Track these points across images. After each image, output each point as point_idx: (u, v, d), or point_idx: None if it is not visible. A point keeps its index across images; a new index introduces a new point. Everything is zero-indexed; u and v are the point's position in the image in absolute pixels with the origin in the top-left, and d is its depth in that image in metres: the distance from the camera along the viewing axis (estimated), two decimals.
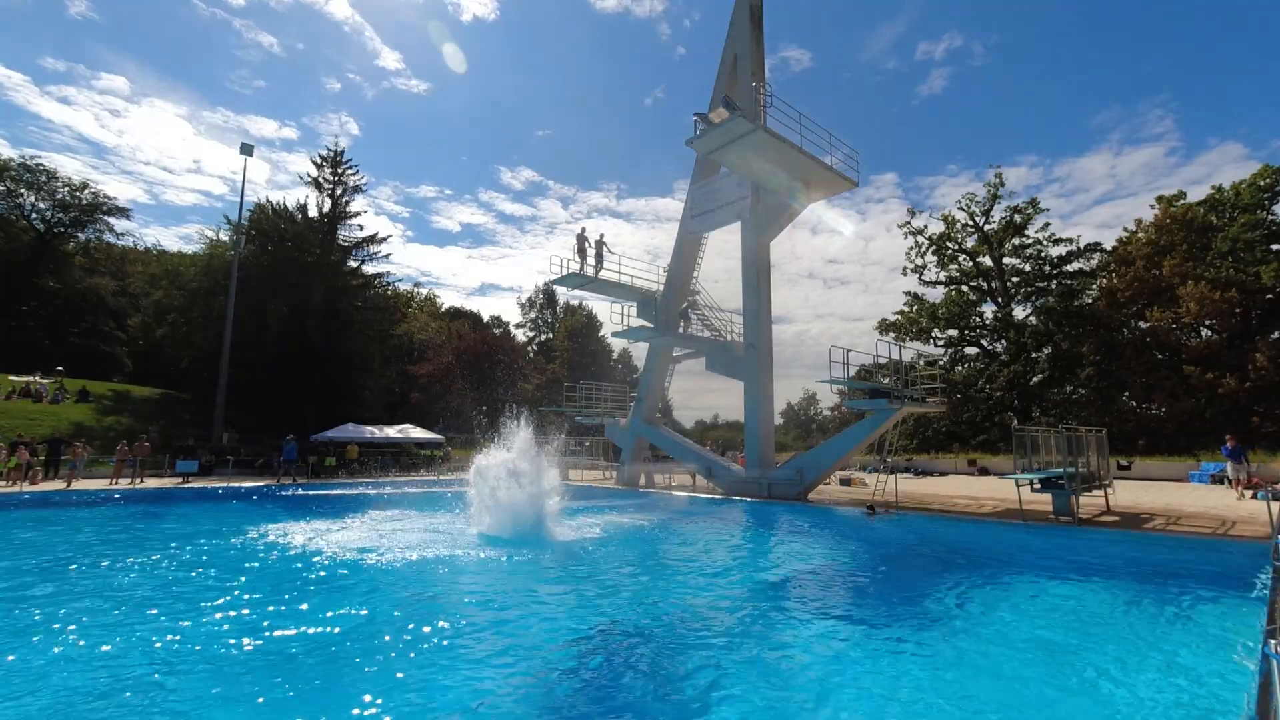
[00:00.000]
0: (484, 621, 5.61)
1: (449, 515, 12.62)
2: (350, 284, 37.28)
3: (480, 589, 6.95)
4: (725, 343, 20.37)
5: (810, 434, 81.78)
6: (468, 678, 4.32)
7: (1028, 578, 7.87)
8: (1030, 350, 37.15)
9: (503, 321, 69.25)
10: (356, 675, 4.33)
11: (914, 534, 11.50)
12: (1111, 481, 13.84)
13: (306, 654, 4.69)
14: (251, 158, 31.87)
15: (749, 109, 15.23)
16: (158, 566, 7.88)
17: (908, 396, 14.57)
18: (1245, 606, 6.16)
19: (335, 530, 11.03)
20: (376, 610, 5.90)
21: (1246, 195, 32.48)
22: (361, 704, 3.82)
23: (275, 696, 3.95)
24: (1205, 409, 29.80)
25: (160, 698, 3.89)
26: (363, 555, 8.54)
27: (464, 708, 3.82)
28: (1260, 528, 10.15)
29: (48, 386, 29.90)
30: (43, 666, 4.42)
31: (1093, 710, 3.97)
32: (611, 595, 6.71)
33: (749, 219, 18.19)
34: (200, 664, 4.47)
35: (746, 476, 17.28)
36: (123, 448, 20.50)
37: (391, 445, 28.98)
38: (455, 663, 4.60)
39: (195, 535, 10.42)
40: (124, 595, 6.42)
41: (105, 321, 46.57)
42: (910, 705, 3.98)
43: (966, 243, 41.34)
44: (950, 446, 36.78)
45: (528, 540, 9.66)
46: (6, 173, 40.48)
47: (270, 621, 5.48)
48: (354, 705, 3.81)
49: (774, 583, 7.70)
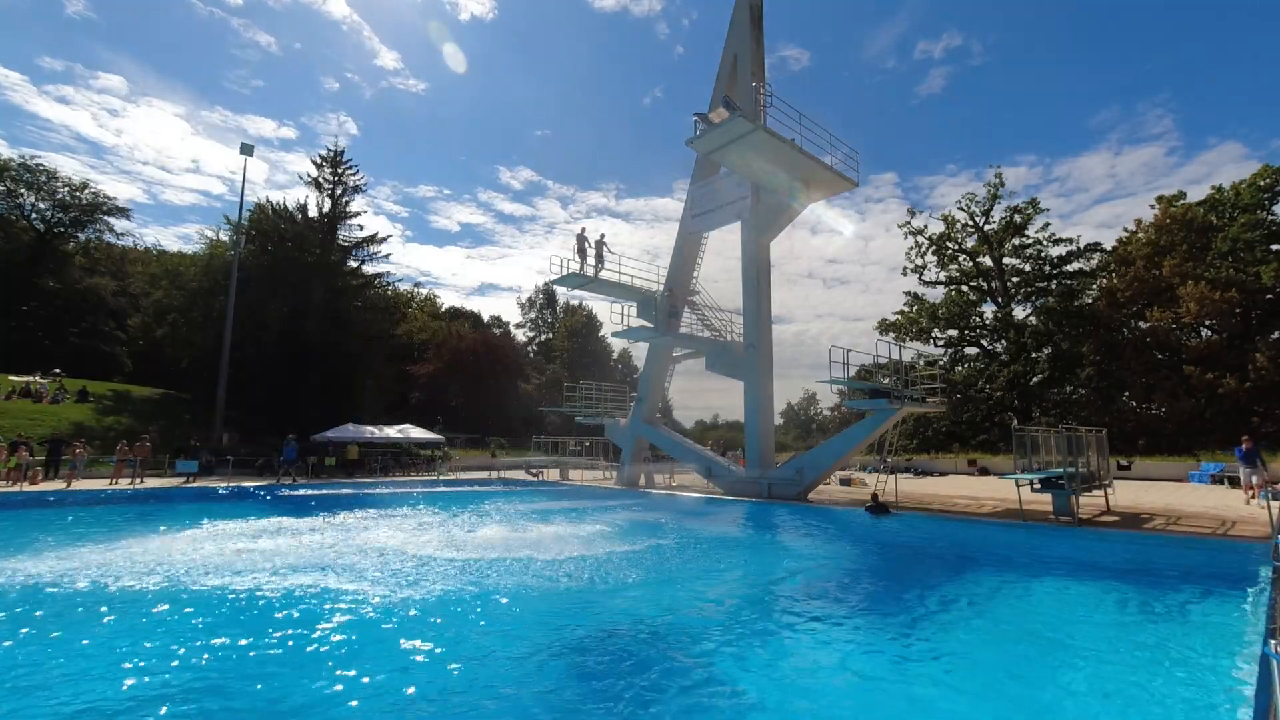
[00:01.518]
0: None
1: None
2: (350, 284, 37.26)
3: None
4: (725, 343, 20.35)
5: (810, 434, 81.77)
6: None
7: (1027, 578, 7.87)
8: (1030, 350, 37.15)
9: (503, 321, 69.25)
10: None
11: (914, 534, 11.50)
12: (1111, 481, 13.82)
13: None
14: (251, 157, 31.78)
15: (749, 109, 15.22)
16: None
17: (908, 396, 14.56)
18: (1245, 607, 6.16)
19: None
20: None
21: (1246, 195, 32.48)
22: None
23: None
24: (1205, 409, 29.80)
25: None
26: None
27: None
28: (1260, 528, 10.14)
29: (48, 386, 29.90)
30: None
31: (1092, 710, 3.96)
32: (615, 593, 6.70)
33: (749, 219, 18.18)
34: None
35: (746, 477, 17.27)
36: (123, 447, 20.44)
37: (391, 445, 28.98)
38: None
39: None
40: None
41: (105, 321, 46.55)
42: (909, 705, 3.97)
43: (966, 243, 41.33)
44: (950, 446, 36.77)
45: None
46: (6, 173, 40.46)
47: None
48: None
49: (773, 583, 7.69)
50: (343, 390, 34.02)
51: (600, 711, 3.83)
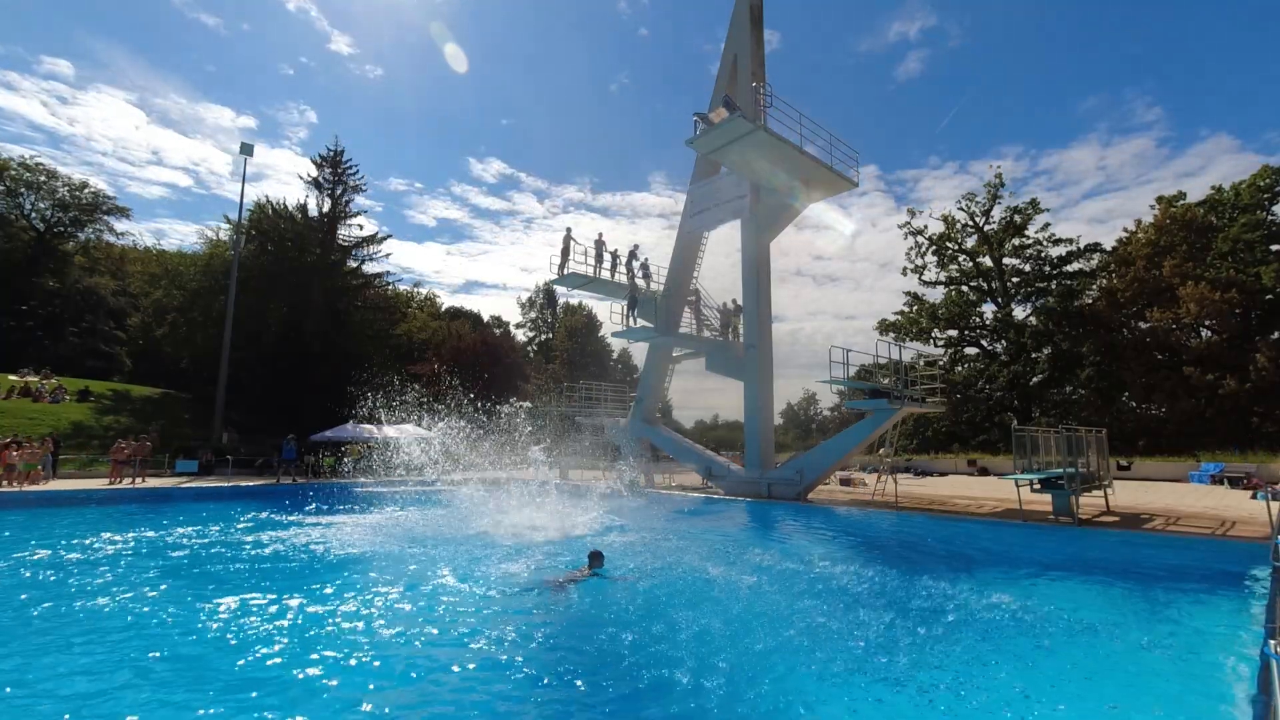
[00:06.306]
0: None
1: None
2: (350, 284, 37.24)
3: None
4: (725, 343, 20.34)
5: (810, 434, 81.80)
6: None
7: (1026, 577, 7.86)
8: (1030, 350, 37.16)
9: (503, 321, 69.23)
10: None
11: (913, 534, 11.49)
12: (1111, 482, 13.81)
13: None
14: (243, 155, 31.22)
15: (749, 109, 15.22)
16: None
17: (908, 397, 14.56)
18: (1245, 607, 6.15)
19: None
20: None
21: (1246, 196, 32.53)
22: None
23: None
24: (1205, 409, 29.81)
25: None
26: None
27: None
28: (1260, 528, 10.14)
29: (46, 386, 29.88)
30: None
31: (1092, 710, 3.96)
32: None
33: (749, 218, 18.17)
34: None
35: (746, 477, 17.27)
36: (119, 446, 19.71)
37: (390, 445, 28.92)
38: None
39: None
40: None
41: (105, 321, 46.55)
42: (907, 705, 3.97)
43: (966, 243, 41.35)
44: (950, 446, 36.79)
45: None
46: (6, 172, 40.47)
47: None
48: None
49: (772, 581, 7.68)
50: (342, 390, 34.00)
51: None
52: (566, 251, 20.16)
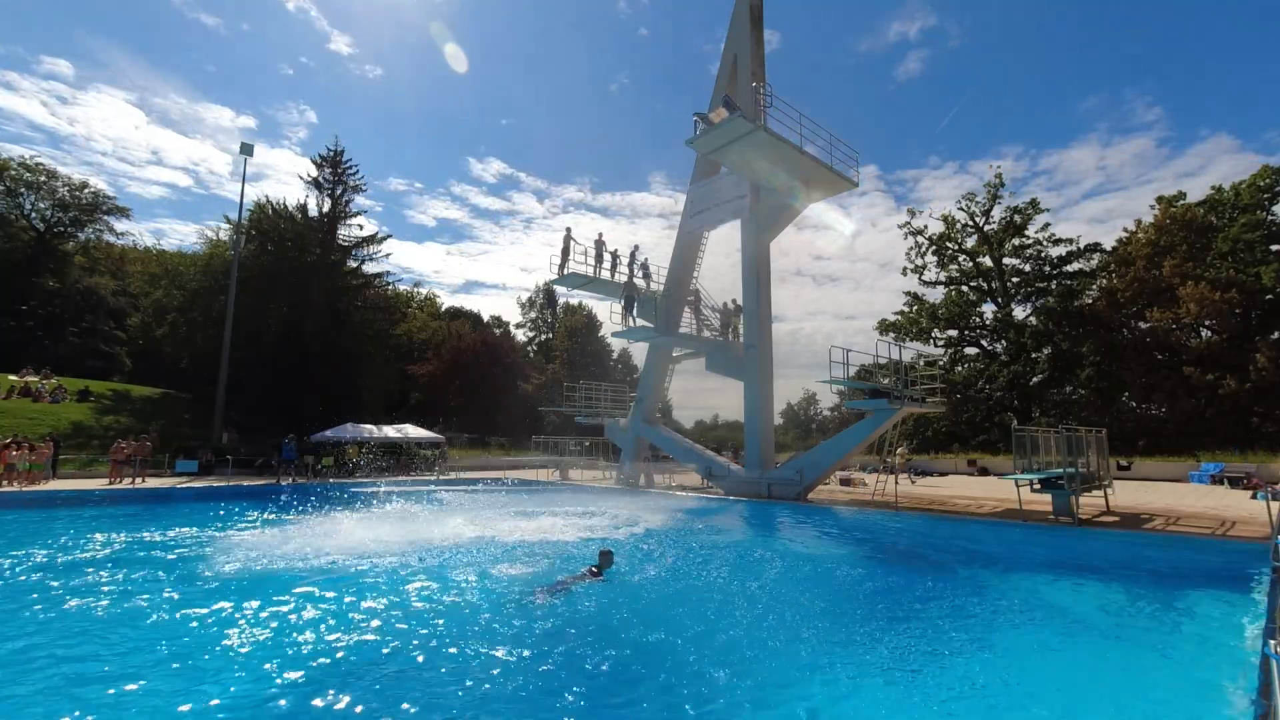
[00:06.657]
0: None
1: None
2: (350, 284, 37.22)
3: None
4: (725, 343, 20.34)
5: (810, 434, 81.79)
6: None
7: (1027, 578, 7.86)
8: (1030, 350, 37.16)
9: (503, 321, 69.19)
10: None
11: (913, 534, 11.50)
12: (1111, 482, 13.81)
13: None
14: (242, 155, 31.26)
15: (749, 109, 15.22)
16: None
17: (908, 397, 14.56)
18: (1245, 607, 6.15)
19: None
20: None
21: (1246, 196, 32.53)
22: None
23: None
24: (1205, 409, 29.81)
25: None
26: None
27: None
28: (1260, 528, 10.14)
29: (46, 386, 29.88)
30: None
31: (1092, 710, 3.96)
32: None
33: (749, 218, 18.17)
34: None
35: (746, 477, 17.26)
36: (119, 446, 19.67)
37: (391, 445, 28.93)
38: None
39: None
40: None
41: (105, 321, 46.55)
42: (907, 704, 3.97)
43: (966, 243, 41.35)
44: (950, 446, 36.78)
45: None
46: (6, 172, 40.46)
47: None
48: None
49: (771, 581, 7.68)
50: (342, 390, 34.02)
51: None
52: (566, 251, 20.16)
